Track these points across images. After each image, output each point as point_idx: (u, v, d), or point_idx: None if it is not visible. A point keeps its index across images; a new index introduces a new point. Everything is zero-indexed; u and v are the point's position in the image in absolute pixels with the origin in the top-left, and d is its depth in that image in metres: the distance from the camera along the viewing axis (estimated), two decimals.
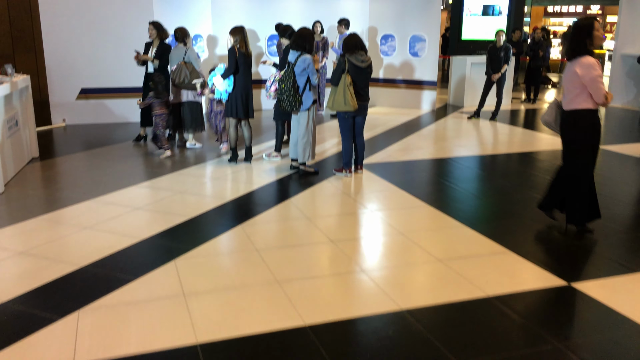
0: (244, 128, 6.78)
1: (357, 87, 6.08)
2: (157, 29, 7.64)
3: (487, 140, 8.78)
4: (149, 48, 7.72)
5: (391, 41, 11.42)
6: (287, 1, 11.12)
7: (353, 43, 6.07)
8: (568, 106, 4.46)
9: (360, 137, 6.39)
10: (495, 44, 9.91)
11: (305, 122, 6.24)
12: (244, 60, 6.45)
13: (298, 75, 6.10)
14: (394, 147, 7.93)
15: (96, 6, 9.11)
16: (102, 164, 6.85)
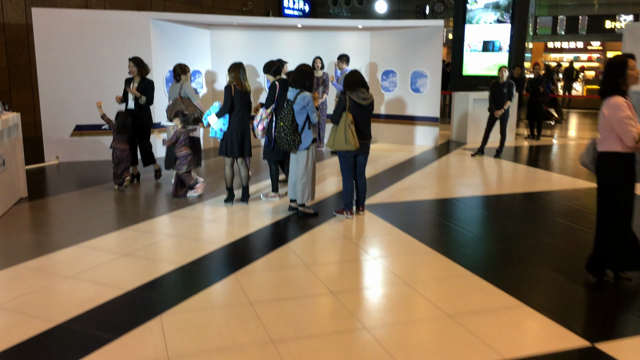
0: (240, 167, 6.51)
1: (359, 126, 5.84)
2: (137, 65, 7.36)
3: (492, 179, 8.51)
4: (129, 84, 7.47)
5: (392, 77, 11.28)
6: (287, 36, 11.02)
7: (354, 80, 5.86)
8: (599, 147, 4.18)
9: (362, 177, 6.12)
10: (498, 80, 9.74)
11: (305, 162, 5.97)
12: (241, 97, 6.23)
13: (297, 113, 5.87)
14: (396, 186, 7.65)
15: (93, 42, 8.97)
16: (93, 205, 6.57)
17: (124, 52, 9.07)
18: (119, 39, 9.04)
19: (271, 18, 10.41)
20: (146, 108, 7.44)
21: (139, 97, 7.33)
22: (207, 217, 6.08)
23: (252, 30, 10.79)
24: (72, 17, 8.88)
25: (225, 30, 10.64)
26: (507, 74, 9.72)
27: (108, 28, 8.99)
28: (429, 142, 11.12)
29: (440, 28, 10.62)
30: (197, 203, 6.64)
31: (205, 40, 10.47)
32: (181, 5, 15.47)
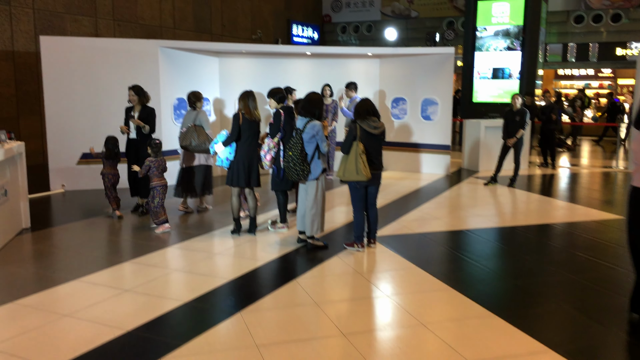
0: (247, 197, 6.33)
1: (370, 155, 5.66)
2: (137, 94, 7.21)
3: (507, 209, 8.26)
4: (129, 113, 7.32)
5: (402, 104, 11.14)
6: (296, 64, 10.94)
7: (365, 109, 5.70)
8: (633, 182, 3.95)
9: (373, 208, 5.91)
10: (512, 107, 9.56)
11: (314, 193, 5.78)
12: (249, 126, 6.08)
13: (306, 143, 5.70)
14: (408, 216, 7.43)
15: (101, 70, 8.91)
16: (96, 236, 6.39)
17: (132, 80, 8.99)
18: (127, 67, 8.97)
19: (280, 46, 10.35)
20: (149, 137, 7.25)
21: (142, 126, 7.17)
22: (213, 250, 5.87)
23: (260, 58, 10.74)
24: (81, 45, 8.84)
25: (234, 58, 10.59)
26: (520, 101, 9.55)
27: (116, 56, 8.94)
28: (440, 170, 10.91)
29: (451, 55, 10.50)
30: (203, 234, 6.44)
31: (214, 68, 10.41)
32: (190, 34, 15.53)
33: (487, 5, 15.09)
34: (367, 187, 5.79)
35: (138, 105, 7.27)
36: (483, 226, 6.99)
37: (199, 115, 7.33)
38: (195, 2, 15.77)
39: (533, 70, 15.22)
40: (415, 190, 9.31)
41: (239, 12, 17.65)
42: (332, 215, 7.36)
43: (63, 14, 12.04)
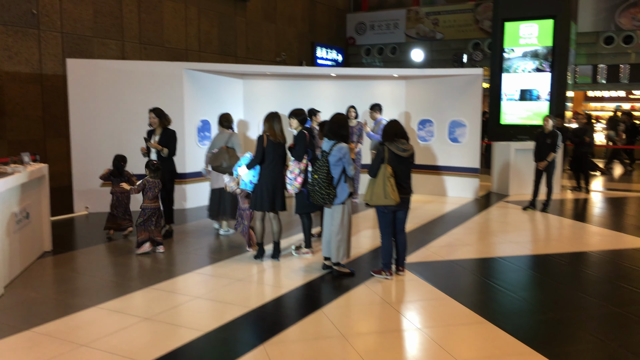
0: (272, 222, 6.15)
1: (399, 179, 5.45)
2: (158, 116, 7.10)
3: (540, 235, 7.93)
4: (150, 136, 7.22)
5: (429, 126, 10.92)
6: (320, 85, 10.84)
7: (393, 131, 5.50)
8: None
9: (402, 233, 5.67)
10: (543, 129, 9.27)
11: (340, 217, 5.57)
12: (274, 149, 5.92)
13: (332, 166, 5.52)
14: (437, 242, 7.15)
15: (126, 93, 8.91)
16: (117, 260, 6.26)
17: (157, 102, 8.97)
18: (152, 89, 8.96)
19: (305, 67, 10.28)
20: (169, 160, 7.15)
21: (160, 149, 7.02)
22: (235, 275, 5.68)
23: (285, 80, 10.66)
24: (106, 68, 8.87)
25: (258, 79, 10.53)
26: (551, 123, 9.25)
27: (142, 78, 8.94)
28: (469, 194, 10.61)
29: (479, 76, 10.29)
30: (226, 259, 6.26)
31: (238, 90, 10.36)
32: (215, 56, 15.60)
33: (515, 26, 14.87)
34: (395, 212, 5.57)
35: (159, 128, 7.17)
36: (516, 253, 6.68)
37: (232, 138, 7.32)
38: (220, 26, 15.89)
39: (563, 91, 14.89)
40: (443, 214, 9.03)
41: (264, 35, 17.73)
42: (357, 240, 7.13)
43: (91, 38, 12.18)
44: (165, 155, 7.07)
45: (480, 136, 10.63)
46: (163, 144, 7.05)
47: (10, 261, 5.32)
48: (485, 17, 19.25)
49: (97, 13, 12.30)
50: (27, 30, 10.94)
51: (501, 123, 15.17)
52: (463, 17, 19.99)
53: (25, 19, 10.87)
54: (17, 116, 10.84)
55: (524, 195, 10.70)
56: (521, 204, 9.87)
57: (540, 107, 14.58)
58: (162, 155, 7.06)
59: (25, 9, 10.87)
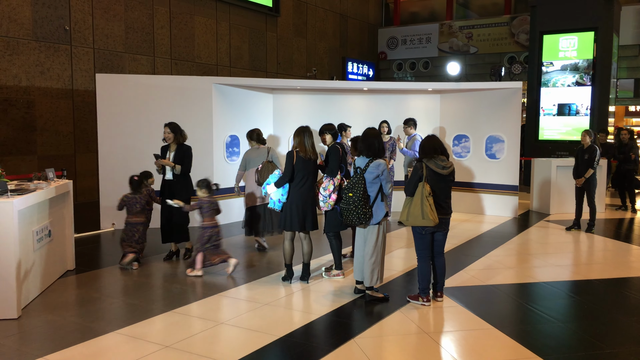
0: (302, 242, 5.83)
1: (437, 198, 5.08)
2: (173, 132, 6.73)
3: (586, 258, 7.40)
4: (165, 152, 6.84)
5: (465, 142, 10.49)
6: (351, 100, 10.55)
7: (431, 146, 5.15)
8: None
9: (440, 256, 5.28)
10: (583, 145, 8.76)
11: (375, 239, 5.21)
12: (304, 165, 5.62)
13: (369, 183, 5.18)
14: (477, 264, 6.71)
15: (155, 108, 8.77)
16: (140, 280, 6.02)
17: (186, 117, 8.82)
18: (181, 104, 8.80)
19: (336, 81, 10.01)
20: (184, 178, 6.78)
21: (173, 166, 6.66)
22: (262, 299, 5.36)
23: (315, 94, 10.41)
24: (135, 83, 8.76)
25: (288, 94, 10.31)
26: (590, 138, 8.73)
27: (170, 93, 8.80)
28: (507, 213, 10.12)
29: (518, 90, 9.84)
30: (253, 280, 5.96)
31: (268, 105, 10.15)
32: (246, 72, 15.51)
33: (554, 39, 14.38)
34: (433, 233, 5.19)
35: (174, 144, 6.79)
36: (561, 278, 6.20)
37: (271, 152, 7.25)
38: (251, 41, 15.81)
39: (605, 106, 14.29)
40: (480, 234, 8.57)
41: (294, 50, 17.61)
42: (390, 261, 6.75)
43: (122, 53, 12.18)
44: (178, 173, 6.71)
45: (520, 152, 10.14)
46: (178, 161, 6.69)
47: (28, 282, 5.13)
48: (521, 30, 18.76)
49: (128, 29, 12.32)
50: (59, 46, 10.98)
51: (539, 139, 14.64)
52: (498, 31, 19.53)
53: (58, 35, 10.91)
54: (47, 132, 10.84)
55: (565, 215, 10.16)
56: (563, 224, 9.35)
57: (580, 122, 14.01)
58: (175, 173, 6.73)
59: (58, 25, 10.92)
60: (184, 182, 6.78)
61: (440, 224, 5.09)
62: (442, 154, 5.16)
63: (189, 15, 13.80)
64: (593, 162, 8.58)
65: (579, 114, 14.19)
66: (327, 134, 6.04)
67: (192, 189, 6.84)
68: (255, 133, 7.40)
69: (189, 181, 6.86)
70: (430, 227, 5.04)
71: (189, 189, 6.84)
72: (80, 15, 11.31)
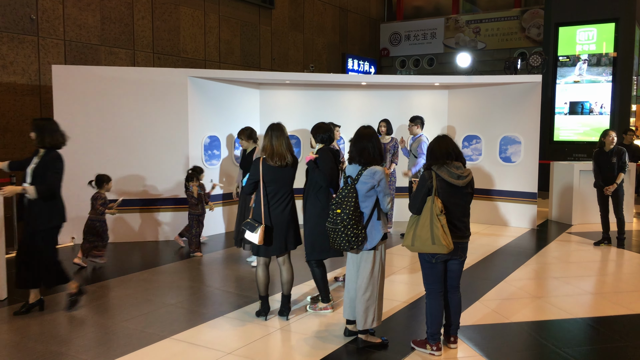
0: (281, 268, 4.68)
1: (452, 216, 3.93)
2: (38, 131, 4.81)
3: (631, 283, 6.22)
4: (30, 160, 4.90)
5: (476, 143, 9.33)
6: (349, 96, 9.39)
7: (444, 150, 3.99)
8: None
9: (456, 292, 4.12)
10: (603, 147, 7.59)
11: (370, 269, 4.07)
12: (274, 176, 4.45)
13: (362, 197, 4.04)
14: (495, 293, 5.55)
15: (120, 104, 7.63)
16: (94, 319, 4.87)
17: (157, 115, 7.72)
18: (151, 100, 7.67)
19: (331, 75, 8.87)
20: (48, 199, 4.74)
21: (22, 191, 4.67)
22: (229, 344, 4.21)
23: (308, 90, 9.25)
24: (97, 75, 7.59)
25: (277, 89, 9.16)
26: (615, 139, 7.56)
27: (139, 88, 7.66)
28: (525, 223, 8.94)
29: (537, 84, 8.67)
30: (219, 315, 4.80)
31: (254, 101, 9.00)
32: (238, 68, 14.36)
33: (570, 31, 13.21)
34: (446, 262, 4.04)
35: (42, 149, 4.87)
36: (602, 311, 5.03)
37: None
38: (242, 35, 14.68)
39: (627, 104, 13.11)
40: (496, 250, 7.40)
41: (290, 45, 16.47)
42: (391, 288, 5.58)
43: (97, 46, 11.06)
44: (34, 197, 4.63)
45: (538, 155, 8.96)
46: (38, 172, 4.74)
47: None
48: (533, 24, 17.60)
49: (104, 19, 11.18)
50: (25, 37, 9.85)
51: (555, 140, 13.48)
52: (507, 25, 18.37)
53: (23, 24, 9.79)
54: (11, 132, 9.71)
55: (589, 226, 9.00)
56: (588, 237, 8.19)
57: (600, 122, 12.84)
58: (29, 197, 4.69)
59: (23, 14, 9.79)
60: (45, 206, 4.73)
61: (455, 250, 3.94)
62: (458, 159, 4.01)
63: (173, 6, 12.66)
64: (624, 166, 7.44)
65: (592, 113, 13.03)
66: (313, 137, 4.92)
67: (56, 215, 4.86)
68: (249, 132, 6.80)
69: (54, 204, 4.83)
70: (443, 254, 3.89)
71: (52, 216, 4.80)
72: (48, 3, 10.18)
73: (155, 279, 5.90)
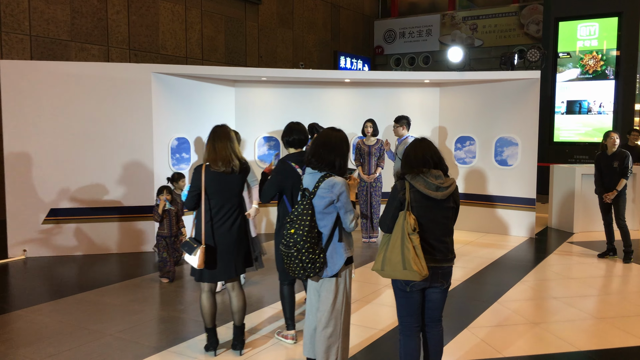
0: (230, 294, 3.99)
1: (429, 236, 3.24)
2: None
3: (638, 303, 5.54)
4: None
5: (470, 145, 8.63)
6: (333, 94, 8.70)
7: (420, 156, 3.30)
8: None
9: (436, 326, 3.41)
10: (605, 150, 6.91)
11: (332, 299, 3.38)
12: (219, 186, 3.76)
13: (319, 214, 3.34)
14: (487, 317, 4.85)
15: (77, 103, 6.94)
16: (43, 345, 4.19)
17: (117, 115, 7.03)
18: (112, 98, 6.99)
19: (310, 71, 8.19)
20: None
21: None
22: None
23: (288, 87, 8.56)
24: (50, 71, 6.88)
25: (255, 87, 8.46)
26: (618, 141, 6.87)
27: (98, 85, 6.97)
28: (522, 232, 8.25)
29: (536, 81, 7.97)
30: (162, 351, 4.11)
31: (229, 100, 8.30)
32: (222, 65, 13.68)
33: (571, 26, 12.51)
34: (425, 290, 3.34)
35: None
36: (611, 342, 4.34)
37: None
38: (227, 31, 13.99)
39: (631, 103, 12.40)
40: (491, 264, 6.71)
41: (279, 42, 15.79)
42: (364, 311, 4.88)
43: (67, 42, 10.38)
44: None
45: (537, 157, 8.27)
46: None
47: None
48: (532, 20, 16.93)
49: (75, 13, 10.51)
50: None
51: (555, 141, 12.79)
52: (505, 21, 17.70)
53: None
54: None
55: (593, 234, 8.32)
56: (591, 247, 7.51)
57: (602, 122, 12.15)
58: None
59: None
60: None
61: (433, 277, 3.24)
62: (437, 167, 3.32)
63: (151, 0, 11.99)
64: (627, 171, 6.73)
65: (591, 112, 12.34)
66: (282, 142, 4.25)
67: None
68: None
69: None
70: (418, 281, 3.20)
71: None
72: None
73: (101, 302, 5.21)
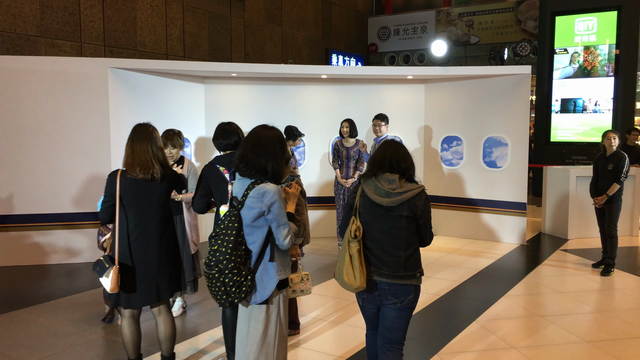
0: (157, 320, 3.44)
1: (375, 245, 2.71)
2: None
3: (635, 320, 4.98)
4: None
5: (457, 145, 8.08)
6: (310, 91, 8.15)
7: (378, 158, 2.84)
8: None
9: (391, 350, 2.86)
10: (604, 151, 6.35)
11: (261, 330, 2.83)
12: (136, 195, 3.23)
13: (248, 227, 2.79)
14: (465, 340, 4.30)
15: (26, 100, 6.42)
16: None
17: (71, 114, 6.50)
18: (64, 96, 6.46)
19: (281, 66, 7.62)
20: None
21: None
22: None
23: (262, 84, 8.02)
24: None
25: (226, 83, 7.93)
26: (616, 142, 6.29)
27: (48, 82, 6.44)
28: (513, 239, 7.70)
29: (526, 77, 7.42)
30: None
31: (198, 98, 7.77)
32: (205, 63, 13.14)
33: (568, 21, 11.95)
34: (379, 307, 2.80)
35: None
36: None
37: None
38: (211, 27, 13.46)
39: (630, 101, 11.83)
40: (475, 274, 6.15)
41: (267, 39, 15.25)
42: (347, 333, 4.33)
43: (37, 38, 9.86)
44: None
45: (528, 159, 7.71)
46: None
47: None
48: (529, 16, 16.37)
49: (44, 7, 9.98)
50: None
51: (552, 141, 12.22)
52: (502, 17, 17.16)
53: None
54: None
55: (588, 241, 7.78)
56: (586, 255, 6.98)
57: (601, 121, 11.59)
58: None
59: None
60: None
61: (381, 293, 2.69)
62: (396, 170, 2.77)
63: None
64: (620, 175, 6.13)
65: (586, 111, 11.77)
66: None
67: None
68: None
69: None
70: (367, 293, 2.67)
71: None
72: None
73: (34, 322, 4.67)
